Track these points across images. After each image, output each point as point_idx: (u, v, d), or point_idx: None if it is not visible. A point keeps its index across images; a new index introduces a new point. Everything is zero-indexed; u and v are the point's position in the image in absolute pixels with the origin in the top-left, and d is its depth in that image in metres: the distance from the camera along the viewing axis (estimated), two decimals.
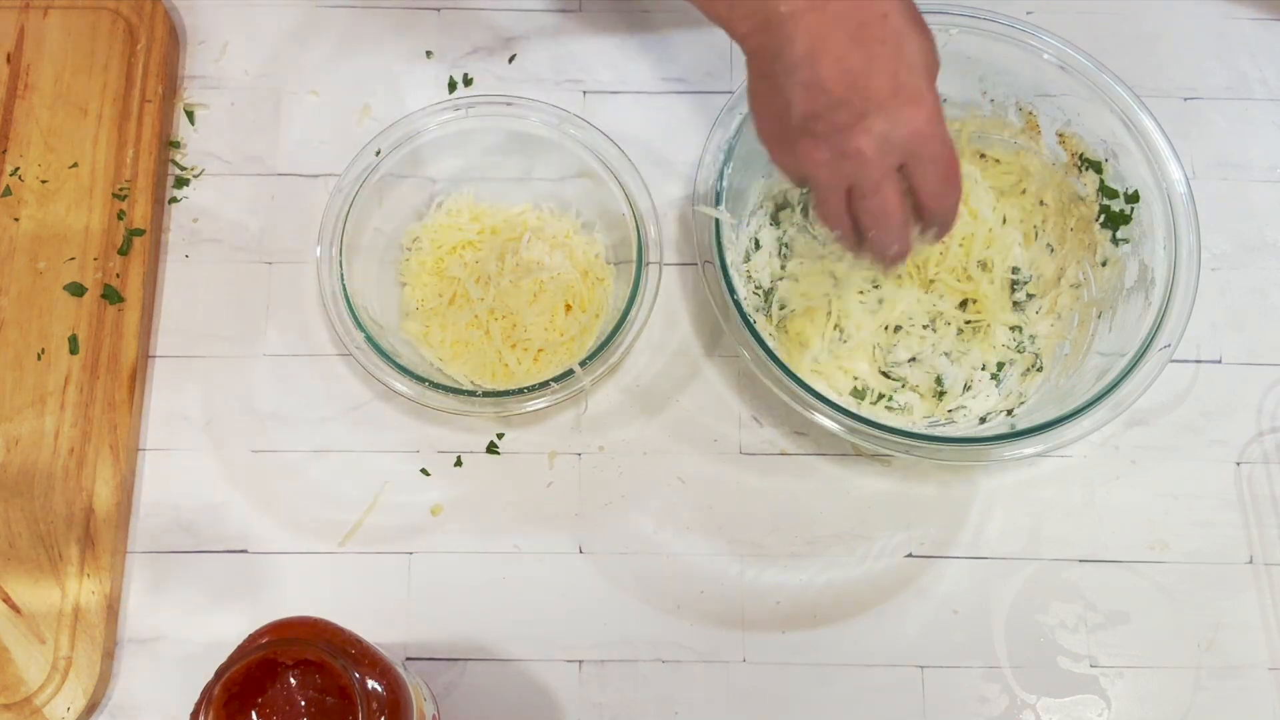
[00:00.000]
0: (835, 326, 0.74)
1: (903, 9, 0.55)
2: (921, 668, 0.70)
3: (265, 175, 0.80)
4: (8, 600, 0.68)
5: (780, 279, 0.76)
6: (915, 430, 0.67)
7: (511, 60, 0.82)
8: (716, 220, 0.69)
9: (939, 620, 0.71)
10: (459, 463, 0.74)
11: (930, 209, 0.58)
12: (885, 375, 0.74)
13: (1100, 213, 0.73)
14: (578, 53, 0.83)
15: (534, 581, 0.72)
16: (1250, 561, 0.72)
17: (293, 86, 0.82)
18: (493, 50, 0.83)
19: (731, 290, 0.67)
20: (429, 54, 0.83)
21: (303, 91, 0.82)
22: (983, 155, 0.77)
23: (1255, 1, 0.85)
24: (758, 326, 0.68)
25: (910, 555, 0.72)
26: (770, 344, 0.67)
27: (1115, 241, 0.73)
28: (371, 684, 0.53)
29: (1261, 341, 0.77)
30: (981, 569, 0.72)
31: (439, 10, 0.84)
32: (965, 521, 0.73)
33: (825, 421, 0.66)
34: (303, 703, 0.52)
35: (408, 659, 0.70)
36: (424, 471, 0.74)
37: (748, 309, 0.68)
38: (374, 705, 0.53)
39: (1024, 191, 0.76)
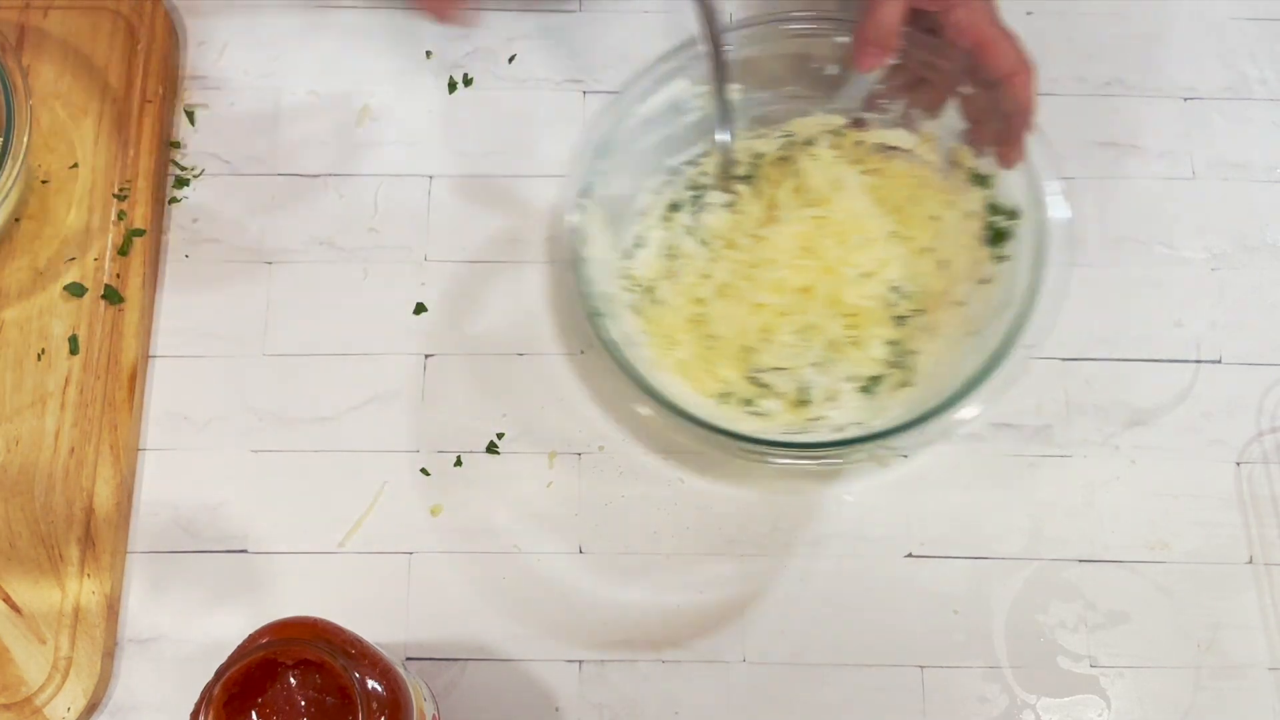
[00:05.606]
0: (707, 333, 0.72)
1: None
2: (921, 668, 0.70)
3: (265, 175, 0.80)
4: (8, 600, 0.68)
5: (663, 279, 0.74)
6: (769, 438, 0.67)
7: (511, 60, 0.82)
8: (579, 225, 0.69)
9: (939, 620, 0.71)
10: (459, 463, 0.74)
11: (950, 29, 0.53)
12: (752, 381, 0.72)
13: (986, 229, 0.72)
14: (578, 53, 0.83)
15: (534, 581, 0.71)
16: (1250, 561, 0.72)
17: (293, 86, 0.82)
18: (493, 50, 0.83)
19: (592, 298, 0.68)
20: (429, 54, 0.83)
21: (303, 91, 0.82)
22: (877, 168, 0.75)
23: (1255, 1, 0.85)
24: (628, 324, 0.69)
25: (910, 555, 0.72)
26: (628, 354, 0.67)
27: (996, 259, 0.71)
28: (371, 684, 0.53)
29: (1261, 341, 0.77)
30: (981, 569, 0.72)
31: None
32: (965, 521, 0.73)
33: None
34: (303, 703, 0.52)
35: (408, 659, 0.70)
36: (424, 471, 0.74)
37: (621, 304, 0.69)
38: (374, 705, 0.53)
39: (916, 206, 0.74)
